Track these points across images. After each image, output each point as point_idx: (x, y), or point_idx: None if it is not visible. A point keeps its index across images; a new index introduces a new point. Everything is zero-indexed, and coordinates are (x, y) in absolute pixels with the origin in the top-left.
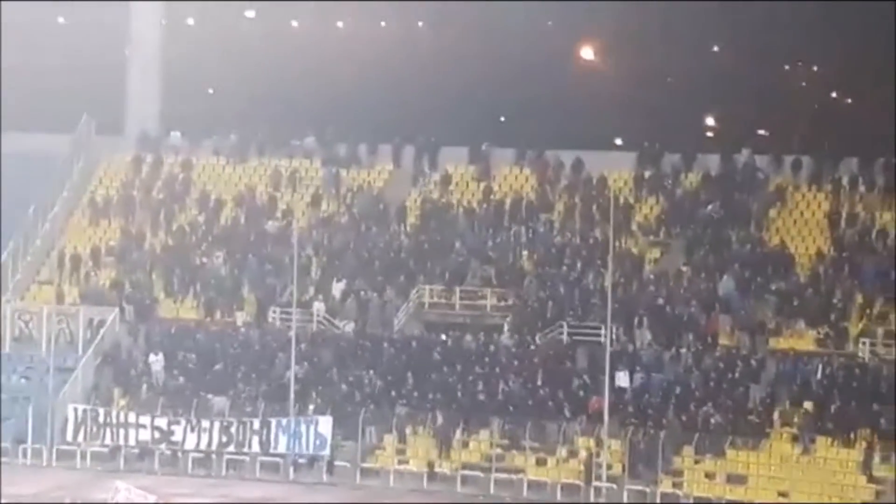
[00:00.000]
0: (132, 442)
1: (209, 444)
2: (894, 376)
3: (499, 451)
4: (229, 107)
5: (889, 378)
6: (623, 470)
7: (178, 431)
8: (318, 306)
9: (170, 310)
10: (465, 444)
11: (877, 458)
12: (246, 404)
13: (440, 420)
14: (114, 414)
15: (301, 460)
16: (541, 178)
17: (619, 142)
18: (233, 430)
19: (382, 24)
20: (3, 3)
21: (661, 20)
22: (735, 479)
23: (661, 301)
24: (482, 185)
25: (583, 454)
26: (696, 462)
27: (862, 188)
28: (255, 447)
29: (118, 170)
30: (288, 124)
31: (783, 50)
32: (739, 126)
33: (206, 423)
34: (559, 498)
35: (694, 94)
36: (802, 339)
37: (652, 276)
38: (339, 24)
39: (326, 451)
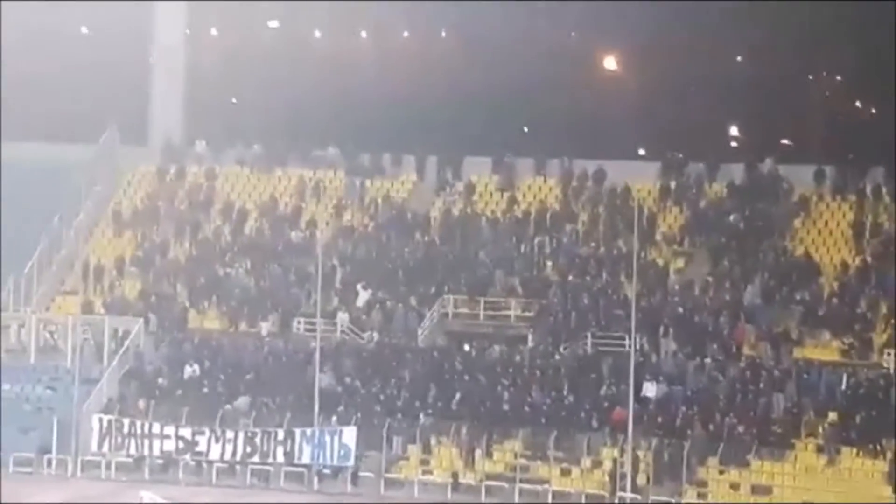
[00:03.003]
0: (157, 452)
1: (234, 454)
2: None
3: (523, 461)
4: (253, 117)
5: None
6: (648, 480)
7: (202, 442)
8: (342, 316)
9: (194, 320)
10: (490, 455)
11: None
12: (270, 414)
13: (464, 430)
14: (138, 424)
15: (325, 471)
16: (564, 189)
17: (642, 152)
18: (257, 440)
19: (406, 34)
20: (27, 13)
21: (685, 30)
22: (760, 490)
23: (685, 311)
24: (506, 195)
25: (607, 465)
26: (721, 472)
27: (886, 198)
28: (280, 457)
29: (142, 180)
30: (311, 134)
31: (807, 60)
32: (763, 136)
33: (230, 434)
34: None
35: (718, 103)
36: (827, 350)
37: (676, 286)
38: (363, 33)
39: (351, 462)
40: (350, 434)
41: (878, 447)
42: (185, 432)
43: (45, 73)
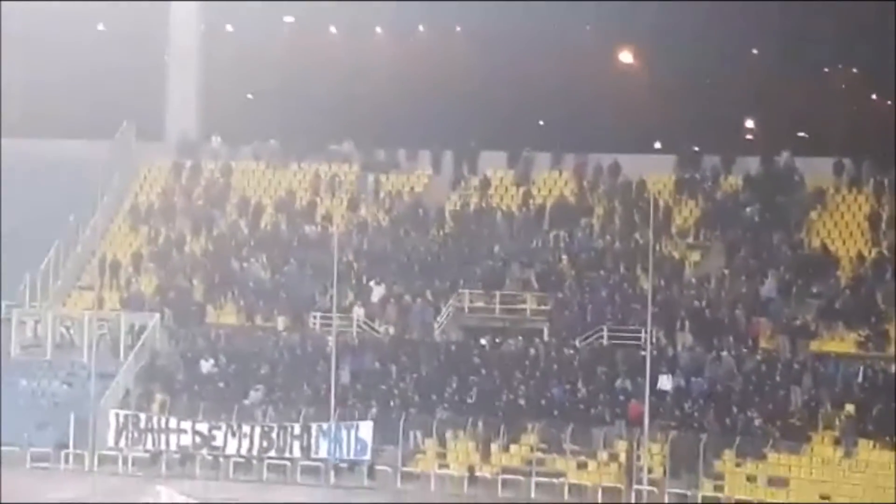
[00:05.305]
0: (173, 447)
1: (250, 448)
2: None
3: (539, 455)
4: (269, 112)
5: None
6: (664, 473)
7: (219, 436)
8: (358, 311)
9: (210, 315)
10: (506, 448)
11: None
12: (287, 409)
13: (480, 424)
14: (155, 419)
15: (342, 465)
16: (580, 182)
17: (658, 145)
18: (274, 434)
19: (421, 28)
20: (44, 10)
21: (700, 22)
22: (776, 483)
23: (701, 304)
24: (521, 189)
25: (623, 458)
26: (738, 465)
27: None
28: (296, 452)
29: (158, 175)
30: (327, 129)
31: (823, 52)
32: (779, 128)
33: (246, 428)
34: (600, 501)
35: (733, 96)
36: (844, 342)
37: (692, 280)
38: (378, 29)
39: (367, 456)
40: (366, 428)
41: (895, 440)
42: (202, 427)
43: (61, 69)
